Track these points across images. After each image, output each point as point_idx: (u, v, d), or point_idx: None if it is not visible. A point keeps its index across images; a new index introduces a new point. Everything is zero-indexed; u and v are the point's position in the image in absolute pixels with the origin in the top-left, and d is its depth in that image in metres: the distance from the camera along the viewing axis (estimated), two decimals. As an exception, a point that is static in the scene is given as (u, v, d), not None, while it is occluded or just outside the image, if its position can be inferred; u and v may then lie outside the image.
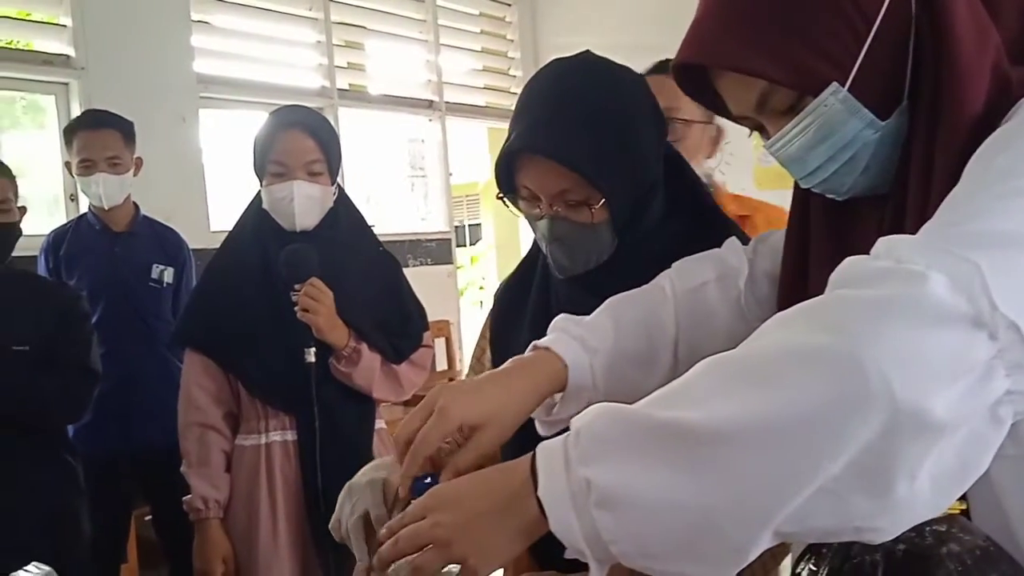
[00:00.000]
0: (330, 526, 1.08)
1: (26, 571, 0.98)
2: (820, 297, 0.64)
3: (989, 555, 0.66)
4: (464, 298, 5.58)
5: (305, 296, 1.77)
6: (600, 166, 1.00)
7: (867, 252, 0.66)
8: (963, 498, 0.71)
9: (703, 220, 1.12)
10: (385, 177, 5.33)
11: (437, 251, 5.41)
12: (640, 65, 1.11)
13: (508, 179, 1.08)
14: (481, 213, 14.12)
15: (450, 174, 5.61)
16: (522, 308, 1.21)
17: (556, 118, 1.02)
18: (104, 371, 2.20)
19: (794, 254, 0.91)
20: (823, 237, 0.87)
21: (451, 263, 5.51)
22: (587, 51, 1.10)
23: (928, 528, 0.65)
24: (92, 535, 2.20)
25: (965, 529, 0.67)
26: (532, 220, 1.09)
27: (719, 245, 1.06)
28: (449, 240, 5.54)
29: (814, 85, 0.76)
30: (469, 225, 15.34)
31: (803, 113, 0.77)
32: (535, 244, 1.21)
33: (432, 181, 5.62)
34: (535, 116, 1.04)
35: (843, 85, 0.75)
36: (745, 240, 1.09)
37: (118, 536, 2.77)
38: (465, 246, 13.46)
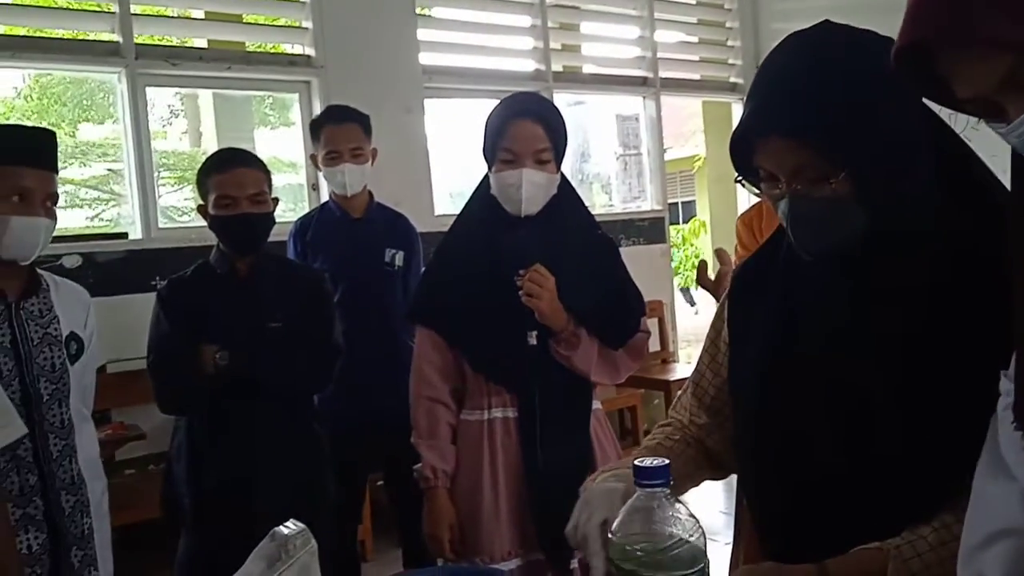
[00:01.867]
0: (566, 531, 1.11)
1: (285, 528, 1.07)
2: None
3: None
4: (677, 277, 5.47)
5: (529, 281, 1.82)
6: (835, 138, 0.95)
7: None
8: None
9: (971, 194, 1.00)
10: (598, 157, 5.33)
11: (650, 230, 5.34)
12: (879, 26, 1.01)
13: (745, 161, 1.06)
14: (696, 189, 13.78)
15: (665, 150, 5.51)
16: (762, 291, 1.16)
17: (784, 93, 0.98)
18: (346, 347, 2.36)
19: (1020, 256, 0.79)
20: None
21: (664, 242, 5.44)
22: (826, 20, 1.03)
23: None
24: (335, 500, 2.39)
25: None
26: (774, 201, 1.05)
27: (990, 222, 0.93)
28: (663, 219, 5.46)
29: None
30: (683, 203, 15.01)
31: None
32: (780, 226, 1.16)
33: (645, 159, 5.56)
34: (764, 94, 1.01)
35: None
36: None
37: (356, 500, 2.98)
38: (678, 223, 13.19)
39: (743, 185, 1.08)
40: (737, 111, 5.85)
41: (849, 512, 1.00)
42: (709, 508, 3.57)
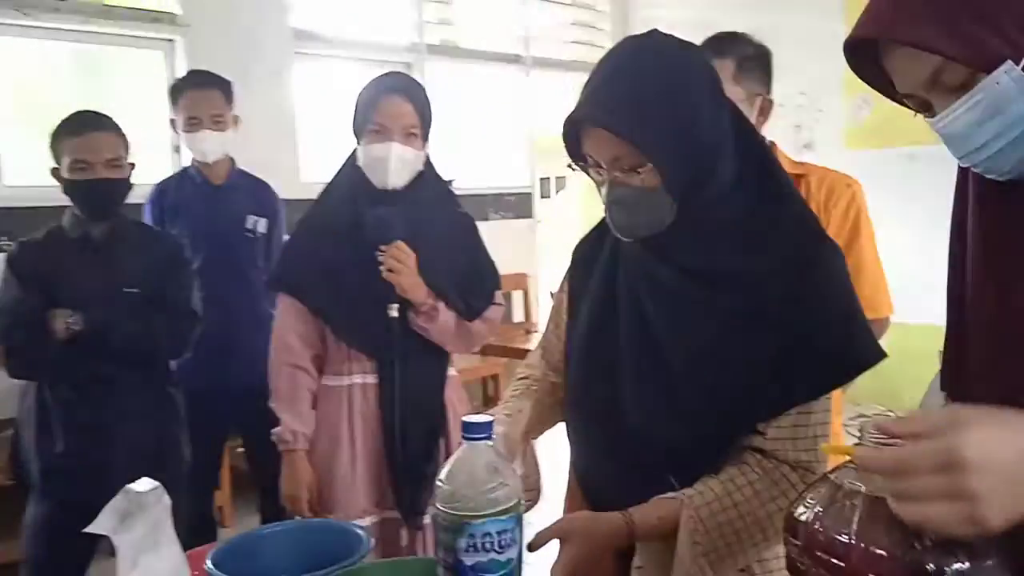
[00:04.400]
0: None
1: (137, 485, 1.10)
2: None
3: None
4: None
5: (390, 258, 1.91)
6: (647, 134, 1.08)
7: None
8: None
9: (769, 192, 1.17)
10: (470, 130, 5.40)
11: (518, 205, 5.48)
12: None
13: (576, 148, 1.18)
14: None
15: (535, 129, 5.64)
16: (594, 266, 1.29)
17: (608, 90, 1.11)
18: (204, 313, 2.38)
19: (955, 237, 0.92)
20: (982, 217, 0.87)
21: (531, 217, 5.59)
22: (655, 30, 1.16)
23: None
24: (190, 463, 2.41)
25: None
26: (598, 185, 1.17)
27: (784, 216, 1.13)
28: (530, 194, 5.61)
29: (988, 62, 0.76)
30: (557, 177, 15.28)
31: (974, 90, 0.77)
32: None
33: (516, 135, 5.68)
34: (592, 89, 1.13)
35: (1017, 63, 0.75)
36: (809, 214, 1.16)
37: (213, 465, 2.99)
38: (550, 197, 13.46)
39: (573, 169, 1.20)
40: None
41: (650, 466, 1.15)
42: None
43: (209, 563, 1.09)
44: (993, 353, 0.84)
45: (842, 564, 0.72)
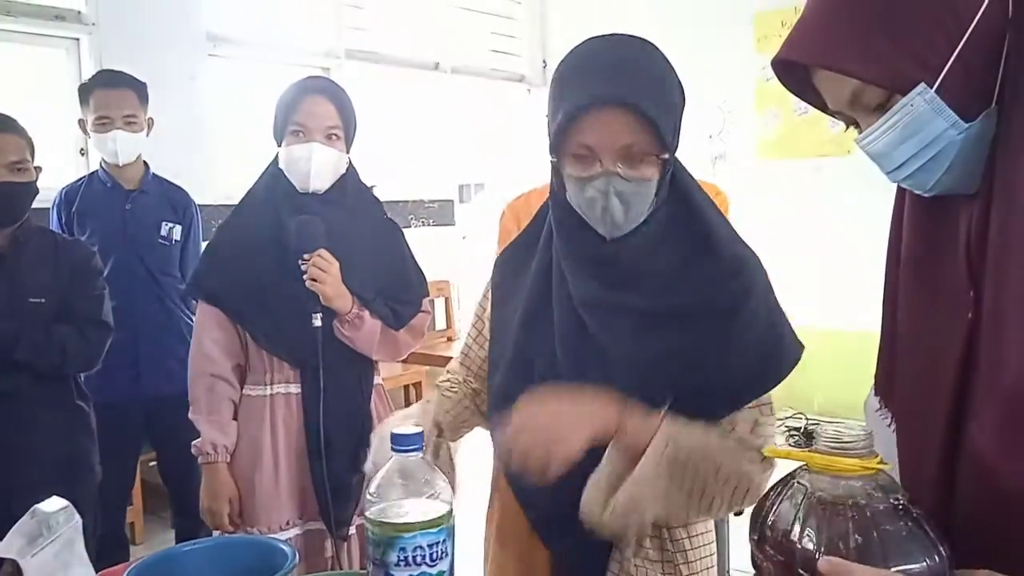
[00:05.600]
0: (365, 468, 1.21)
1: (46, 504, 1.06)
2: None
3: (893, 511, 0.74)
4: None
5: (313, 267, 1.87)
6: (665, 120, 1.07)
7: (953, 249, 0.72)
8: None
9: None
10: (390, 138, 5.36)
11: (439, 213, 5.47)
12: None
13: (560, 144, 1.11)
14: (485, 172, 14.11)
15: (455, 136, 5.65)
16: (523, 274, 1.28)
17: (627, 72, 1.07)
18: (115, 324, 2.29)
19: (893, 244, 0.95)
20: (913, 231, 0.90)
21: (452, 224, 5.58)
22: (617, 34, 1.15)
23: (849, 482, 0.74)
24: (101, 479, 2.31)
25: (882, 486, 0.76)
26: (583, 182, 1.10)
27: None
28: (451, 202, 5.60)
29: (903, 85, 0.79)
30: (476, 184, 15.37)
31: (891, 111, 0.81)
32: (541, 215, 1.28)
33: (437, 142, 5.67)
34: (603, 74, 1.07)
35: (931, 86, 0.78)
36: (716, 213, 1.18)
37: (125, 480, 2.88)
38: (469, 203, 13.53)
39: (552, 166, 1.15)
40: (524, 99, 6.09)
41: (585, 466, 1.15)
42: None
43: (125, 584, 1.04)
44: (917, 367, 0.87)
45: (783, 559, 0.74)
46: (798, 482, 0.78)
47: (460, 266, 5.45)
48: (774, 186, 4.65)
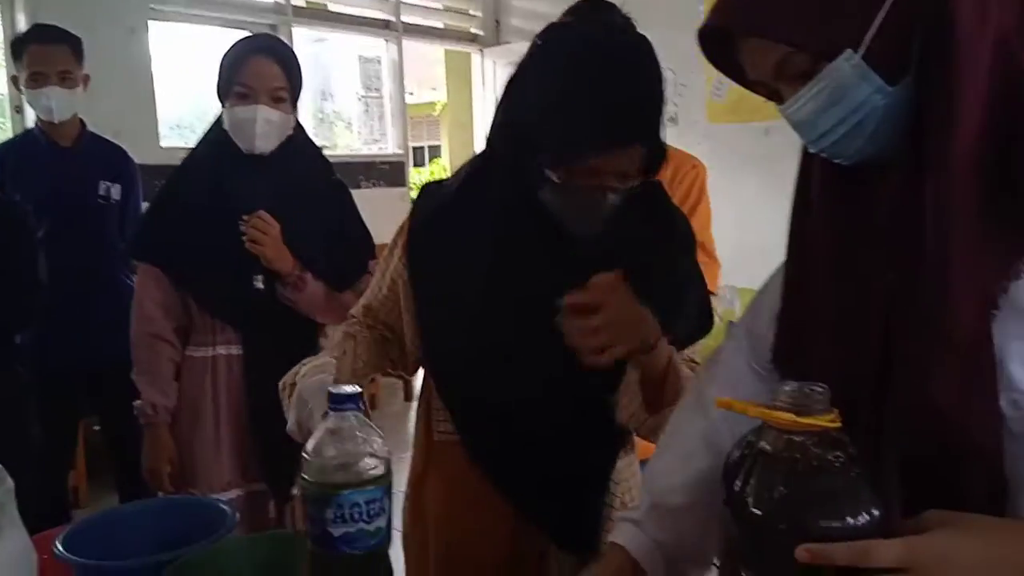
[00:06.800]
0: (288, 429, 1.21)
1: None
2: None
3: (830, 466, 0.73)
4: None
5: (252, 228, 1.85)
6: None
7: (873, 218, 0.73)
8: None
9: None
10: (340, 97, 5.29)
11: (390, 173, 5.41)
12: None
13: (564, 161, 1.15)
14: (441, 134, 13.99)
15: (410, 94, 5.57)
16: (460, 236, 1.25)
17: (644, 110, 1.19)
18: (53, 286, 2.24)
19: (797, 220, 0.95)
20: (826, 203, 0.90)
21: (404, 186, 5.54)
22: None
23: (792, 437, 0.75)
24: (41, 443, 2.28)
25: (830, 442, 0.76)
26: (573, 193, 1.15)
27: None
28: (403, 163, 5.55)
29: (829, 50, 0.79)
30: (429, 147, 15.21)
31: (816, 78, 0.81)
32: (465, 172, 1.28)
33: (387, 102, 5.60)
34: (619, 112, 1.14)
35: (856, 51, 0.79)
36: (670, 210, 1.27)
37: (66, 444, 2.84)
38: (423, 166, 13.39)
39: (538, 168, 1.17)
40: (477, 61, 6.03)
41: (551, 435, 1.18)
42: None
43: (58, 545, 1.04)
44: (832, 341, 0.88)
45: (731, 510, 0.76)
46: (750, 438, 0.80)
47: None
48: (725, 149, 4.70)
